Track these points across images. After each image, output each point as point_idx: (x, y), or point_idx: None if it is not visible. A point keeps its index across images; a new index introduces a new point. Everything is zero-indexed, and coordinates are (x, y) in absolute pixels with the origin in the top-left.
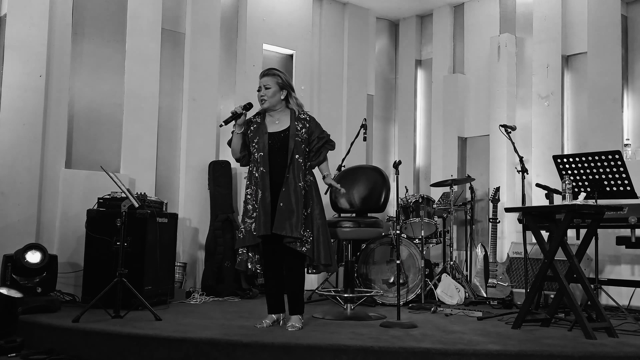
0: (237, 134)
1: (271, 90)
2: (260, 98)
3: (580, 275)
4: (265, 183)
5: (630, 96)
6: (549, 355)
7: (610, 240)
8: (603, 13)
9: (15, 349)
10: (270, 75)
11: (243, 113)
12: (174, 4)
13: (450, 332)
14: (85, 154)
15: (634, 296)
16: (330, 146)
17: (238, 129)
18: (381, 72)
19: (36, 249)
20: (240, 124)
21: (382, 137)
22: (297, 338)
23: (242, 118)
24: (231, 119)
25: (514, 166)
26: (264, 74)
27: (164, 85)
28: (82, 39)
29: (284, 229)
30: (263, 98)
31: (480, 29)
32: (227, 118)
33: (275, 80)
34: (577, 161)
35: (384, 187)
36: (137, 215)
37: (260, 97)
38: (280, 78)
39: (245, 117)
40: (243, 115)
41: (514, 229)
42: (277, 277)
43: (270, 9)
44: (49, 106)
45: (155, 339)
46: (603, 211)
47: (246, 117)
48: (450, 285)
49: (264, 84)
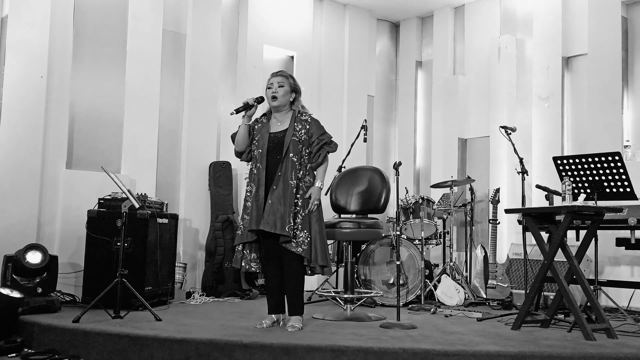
0: (245, 124)
1: (284, 89)
2: (272, 94)
3: (579, 277)
4: (260, 179)
5: (630, 98)
6: (549, 356)
7: (610, 241)
8: (603, 15)
9: (15, 349)
10: (284, 77)
11: (254, 105)
12: (175, 5)
13: (450, 333)
14: (86, 155)
15: (634, 297)
16: (329, 148)
17: (247, 120)
18: (382, 74)
19: (37, 250)
20: (250, 116)
21: (383, 138)
22: (297, 338)
23: (252, 110)
24: (242, 108)
25: (513, 167)
26: (278, 74)
27: (165, 86)
28: (83, 39)
29: (269, 226)
30: (275, 95)
31: (480, 30)
32: (239, 107)
33: (288, 82)
34: (577, 162)
35: (384, 188)
36: (138, 215)
37: (272, 93)
38: (293, 80)
39: (255, 109)
40: (254, 108)
41: (513, 230)
42: (277, 278)
43: (271, 10)
44: (50, 107)
45: (155, 339)
46: (603, 212)
47: (256, 110)
48: (450, 286)
49: (278, 82)
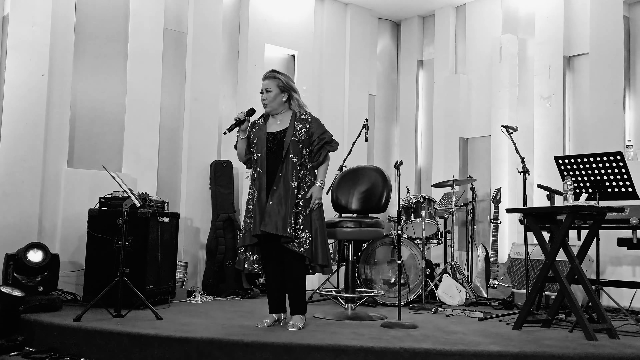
0: (241, 139)
1: (272, 93)
2: (262, 102)
3: (581, 276)
4: (261, 183)
5: (632, 97)
6: (550, 356)
7: (612, 241)
8: (605, 14)
9: (16, 348)
10: (271, 78)
11: (246, 119)
12: (176, 3)
13: (451, 332)
14: (87, 153)
15: (635, 297)
16: (330, 147)
17: (242, 134)
18: (383, 73)
19: (38, 248)
20: (244, 129)
21: (384, 137)
22: (297, 338)
23: (245, 124)
24: (234, 126)
25: (515, 167)
26: (265, 77)
27: (166, 84)
28: (84, 38)
29: (271, 227)
30: (265, 102)
31: (482, 29)
32: (231, 125)
33: (275, 83)
34: (579, 162)
35: (385, 188)
36: (139, 214)
37: (262, 100)
38: (281, 80)
39: (248, 123)
40: (246, 122)
41: (515, 230)
42: (278, 277)
43: (272, 9)
44: (52, 105)
45: (156, 338)
46: (604, 212)
47: (249, 123)
48: (451, 285)
49: (265, 87)
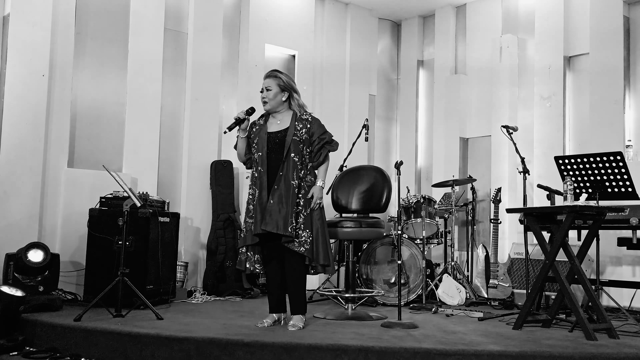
0: (241, 138)
1: (272, 92)
2: (262, 100)
3: (581, 276)
4: (262, 182)
5: (632, 97)
6: (550, 356)
7: (612, 241)
8: (605, 14)
9: (16, 348)
10: (272, 77)
11: (246, 118)
12: (177, 3)
13: (451, 332)
14: (87, 153)
15: (635, 297)
16: (330, 147)
17: (242, 134)
18: (383, 73)
19: (38, 248)
20: (244, 129)
21: (384, 137)
22: (298, 338)
23: (245, 123)
24: (234, 125)
25: (515, 167)
26: (266, 76)
27: (167, 84)
28: (84, 38)
29: (272, 226)
30: (264, 100)
31: (482, 29)
32: (231, 124)
33: (276, 82)
34: (579, 162)
35: (386, 187)
36: (139, 214)
37: (262, 98)
38: (282, 80)
39: (248, 122)
40: (246, 121)
41: (515, 230)
42: (278, 277)
43: (273, 9)
44: (52, 105)
45: (156, 338)
46: (604, 212)
47: (249, 122)
48: (452, 285)
49: (266, 85)
